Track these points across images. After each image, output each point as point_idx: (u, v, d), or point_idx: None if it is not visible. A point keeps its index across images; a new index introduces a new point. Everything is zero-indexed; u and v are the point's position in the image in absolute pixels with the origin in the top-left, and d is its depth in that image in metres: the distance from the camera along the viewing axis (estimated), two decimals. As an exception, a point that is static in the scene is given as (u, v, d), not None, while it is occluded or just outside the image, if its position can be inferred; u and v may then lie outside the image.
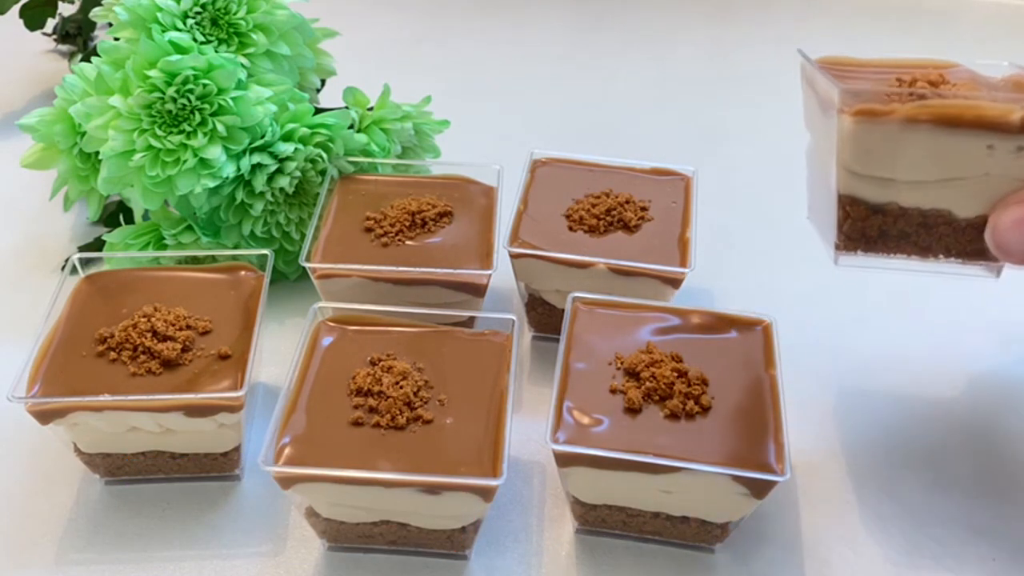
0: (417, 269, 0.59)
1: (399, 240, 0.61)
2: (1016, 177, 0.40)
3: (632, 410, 0.48)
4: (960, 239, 0.42)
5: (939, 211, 0.41)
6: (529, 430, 0.53)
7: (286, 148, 0.63)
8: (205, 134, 0.60)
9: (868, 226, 0.42)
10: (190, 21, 0.65)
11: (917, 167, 0.40)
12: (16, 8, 0.92)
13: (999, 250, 0.41)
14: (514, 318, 0.53)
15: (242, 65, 0.63)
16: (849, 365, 0.63)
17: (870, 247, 0.43)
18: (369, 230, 0.62)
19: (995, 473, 0.56)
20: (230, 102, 0.61)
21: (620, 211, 0.62)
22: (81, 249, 0.70)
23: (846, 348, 0.64)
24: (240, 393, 0.49)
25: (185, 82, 0.60)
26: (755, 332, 0.53)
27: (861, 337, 0.65)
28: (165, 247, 0.64)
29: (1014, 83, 0.44)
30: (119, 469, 0.53)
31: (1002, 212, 0.40)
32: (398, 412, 0.47)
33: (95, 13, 0.69)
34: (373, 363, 0.51)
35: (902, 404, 0.60)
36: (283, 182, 0.64)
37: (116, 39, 0.65)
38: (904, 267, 0.43)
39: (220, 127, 0.60)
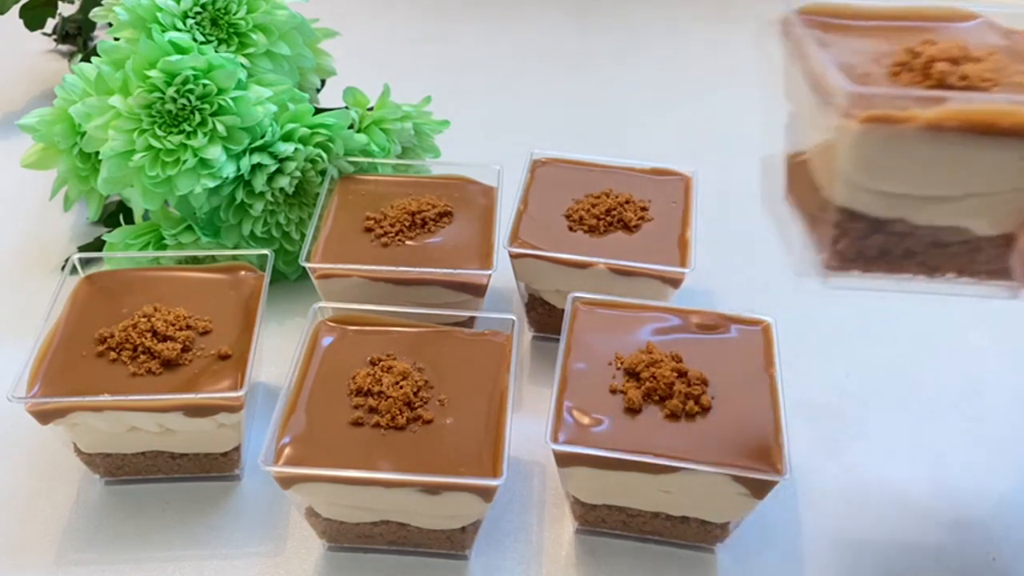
0: (417, 269, 0.59)
1: (399, 240, 0.61)
2: None
3: (632, 410, 0.48)
4: (977, 258, 0.35)
5: (956, 228, 0.34)
6: (529, 430, 0.53)
7: (286, 148, 0.63)
8: (205, 134, 0.60)
9: (867, 245, 0.35)
10: (190, 21, 0.65)
11: (936, 181, 0.33)
12: (16, 8, 0.92)
13: None
14: (514, 318, 0.53)
15: (242, 65, 0.63)
16: (849, 365, 0.63)
17: (867, 267, 0.36)
18: (369, 230, 0.62)
19: (995, 472, 0.56)
20: (230, 102, 0.61)
21: (620, 211, 0.62)
22: (81, 249, 0.70)
23: (846, 348, 0.64)
24: (240, 393, 0.49)
25: (185, 82, 0.60)
26: (755, 332, 0.53)
27: (861, 337, 0.65)
28: (165, 247, 0.64)
29: None
30: (119, 469, 0.53)
31: None
32: (398, 412, 0.47)
33: (95, 13, 0.69)
34: (373, 363, 0.51)
35: (902, 404, 0.60)
36: (283, 182, 0.64)
37: (116, 39, 0.65)
38: (906, 288, 0.36)
39: (220, 127, 0.60)
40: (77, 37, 0.99)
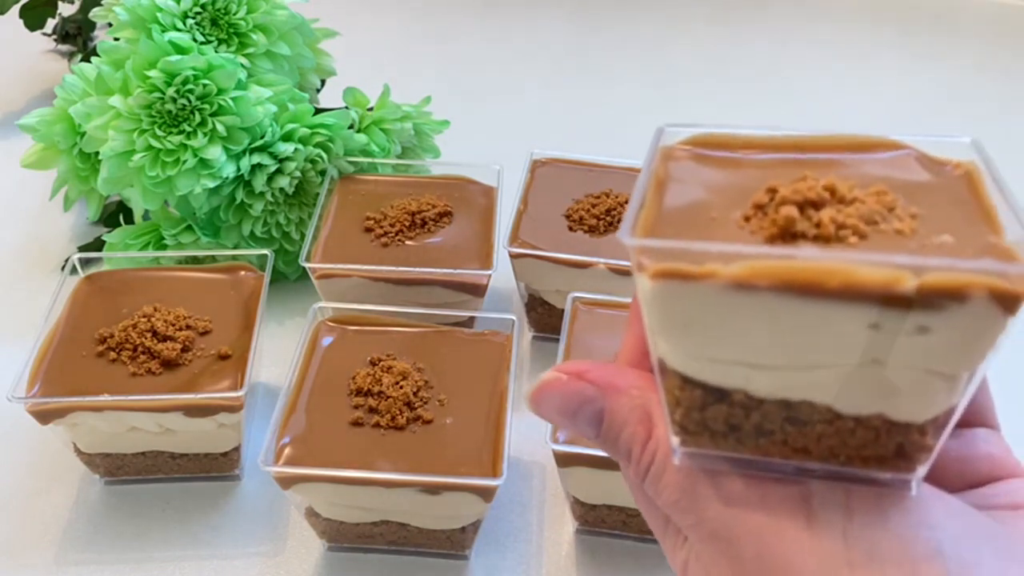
0: (417, 269, 0.59)
1: (399, 240, 0.61)
2: (921, 367, 0.25)
3: (632, 410, 0.48)
4: (850, 440, 0.27)
5: (812, 404, 0.27)
6: (529, 430, 0.53)
7: (286, 148, 0.63)
8: (205, 134, 0.60)
9: (709, 417, 0.28)
10: (190, 21, 0.65)
11: (763, 347, 0.26)
12: (16, 8, 0.92)
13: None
14: (514, 318, 0.53)
15: (242, 65, 0.63)
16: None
17: (717, 443, 0.28)
18: (369, 230, 0.62)
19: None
20: (230, 102, 0.61)
21: (620, 211, 0.62)
22: (81, 249, 0.70)
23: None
24: (240, 393, 0.49)
25: (185, 82, 0.60)
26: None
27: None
28: (165, 247, 0.64)
29: (965, 175, 0.29)
30: (119, 469, 0.53)
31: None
32: (398, 412, 0.47)
33: (95, 13, 0.69)
34: (373, 363, 0.51)
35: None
36: (283, 182, 0.64)
37: (116, 39, 0.65)
38: (779, 471, 0.28)
39: (220, 127, 0.60)
40: (77, 37, 0.99)
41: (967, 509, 0.26)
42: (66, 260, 0.58)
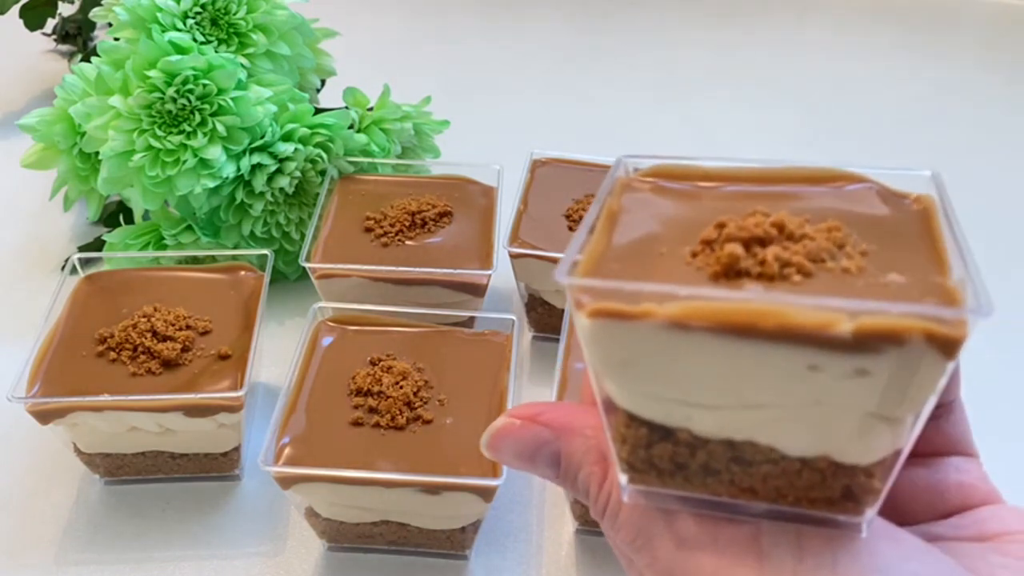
0: (417, 269, 0.59)
1: (399, 240, 0.61)
2: (862, 409, 0.25)
3: (632, 410, 0.48)
4: (796, 482, 0.27)
5: (756, 445, 0.26)
6: (529, 430, 0.53)
7: (286, 148, 0.63)
8: (205, 134, 0.60)
9: (655, 455, 0.27)
10: (190, 21, 0.65)
11: (702, 387, 0.26)
12: (16, 8, 0.92)
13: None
14: (514, 318, 0.53)
15: (242, 65, 0.63)
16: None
17: (664, 481, 0.28)
18: (369, 230, 0.62)
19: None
20: (230, 102, 0.61)
21: (620, 211, 0.62)
22: (81, 249, 0.70)
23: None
24: (240, 393, 0.49)
25: (185, 82, 0.60)
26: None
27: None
28: (165, 247, 0.64)
29: (923, 211, 0.28)
30: (119, 469, 0.53)
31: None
32: (398, 412, 0.47)
33: (95, 13, 0.70)
34: (373, 363, 0.51)
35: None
36: (283, 182, 0.64)
37: (116, 39, 0.65)
38: (731, 512, 0.27)
39: (220, 127, 0.60)
40: (77, 37, 0.99)
41: (921, 548, 0.26)
42: (66, 260, 0.58)
